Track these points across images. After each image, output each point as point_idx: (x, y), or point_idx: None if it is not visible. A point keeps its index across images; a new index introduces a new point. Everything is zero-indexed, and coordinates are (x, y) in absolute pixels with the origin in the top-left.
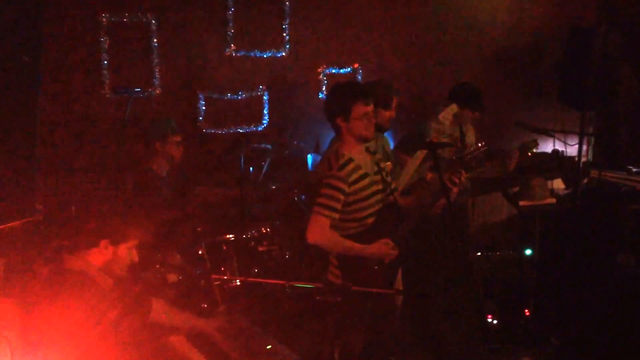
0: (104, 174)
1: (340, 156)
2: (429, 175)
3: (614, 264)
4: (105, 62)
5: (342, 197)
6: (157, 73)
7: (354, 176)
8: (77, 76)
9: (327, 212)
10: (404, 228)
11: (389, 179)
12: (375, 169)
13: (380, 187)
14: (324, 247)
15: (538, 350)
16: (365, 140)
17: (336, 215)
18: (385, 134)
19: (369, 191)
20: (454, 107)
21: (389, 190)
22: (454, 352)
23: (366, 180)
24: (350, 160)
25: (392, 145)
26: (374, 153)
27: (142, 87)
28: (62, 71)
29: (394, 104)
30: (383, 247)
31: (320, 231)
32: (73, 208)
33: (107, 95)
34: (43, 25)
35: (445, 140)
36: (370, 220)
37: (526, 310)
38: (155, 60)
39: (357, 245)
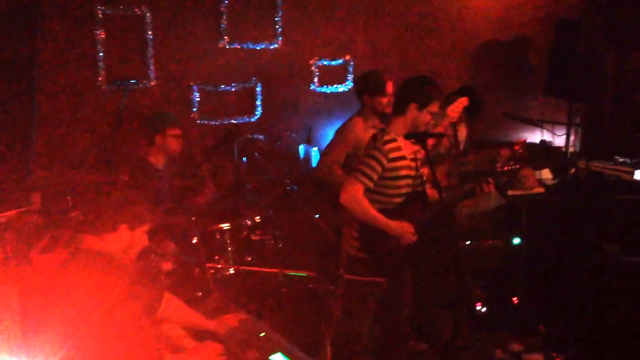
0: (100, 165)
1: (387, 133)
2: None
3: (601, 253)
4: (101, 54)
5: (379, 169)
6: (151, 65)
7: (394, 154)
8: (72, 68)
9: (363, 179)
10: (426, 217)
11: (421, 169)
12: (412, 155)
13: (412, 172)
14: (352, 210)
15: (526, 337)
16: (414, 132)
17: (371, 185)
18: None
19: (402, 172)
20: (464, 101)
21: (419, 179)
22: (446, 339)
23: (403, 162)
24: (394, 139)
25: None
26: (415, 144)
27: (137, 79)
28: (57, 64)
29: (388, 88)
30: (405, 228)
31: (353, 195)
32: (69, 199)
33: (103, 87)
34: (39, 17)
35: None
36: (397, 200)
37: (514, 299)
38: (150, 53)
39: (382, 218)
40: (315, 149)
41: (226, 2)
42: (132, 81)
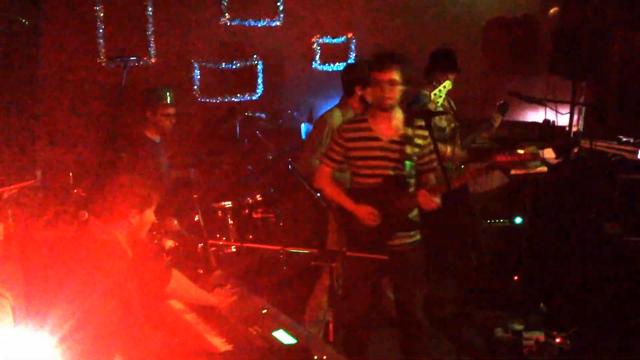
0: (100, 142)
1: (358, 114)
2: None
3: (603, 232)
4: (101, 31)
5: (337, 148)
6: (152, 42)
7: (355, 134)
8: (73, 45)
9: (326, 161)
10: (403, 204)
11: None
12: (397, 139)
13: (393, 155)
14: (322, 192)
15: (527, 316)
16: (382, 108)
17: (333, 165)
18: None
19: (370, 153)
20: (448, 84)
21: (401, 162)
22: (449, 316)
23: (371, 143)
24: (362, 120)
25: None
26: (418, 127)
27: (138, 56)
28: (58, 40)
29: None
30: (363, 212)
31: (319, 177)
32: (71, 174)
33: (103, 64)
34: None
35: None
36: (370, 180)
37: (515, 277)
38: (151, 30)
39: (347, 200)
40: None
41: None
42: (132, 58)
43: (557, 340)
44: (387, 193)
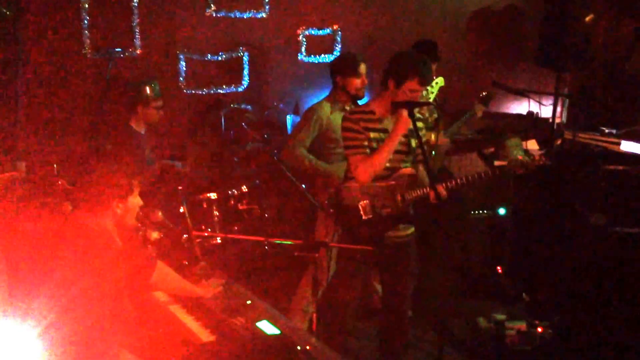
0: (85, 134)
1: (365, 106)
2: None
3: (587, 224)
4: (86, 21)
5: (356, 135)
6: (137, 33)
7: (367, 125)
8: (58, 36)
9: (352, 151)
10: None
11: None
12: (406, 132)
13: (402, 148)
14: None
15: (509, 306)
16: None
17: (365, 150)
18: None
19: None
20: (440, 81)
21: (412, 156)
22: (433, 306)
23: (381, 135)
24: (370, 112)
25: None
26: (423, 119)
27: (123, 47)
28: (43, 31)
29: (361, 70)
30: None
31: (354, 170)
32: (55, 166)
33: (88, 56)
34: None
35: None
36: (382, 172)
37: (498, 268)
38: (136, 21)
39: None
40: None
41: None
42: (117, 50)
43: (539, 329)
44: (399, 186)
